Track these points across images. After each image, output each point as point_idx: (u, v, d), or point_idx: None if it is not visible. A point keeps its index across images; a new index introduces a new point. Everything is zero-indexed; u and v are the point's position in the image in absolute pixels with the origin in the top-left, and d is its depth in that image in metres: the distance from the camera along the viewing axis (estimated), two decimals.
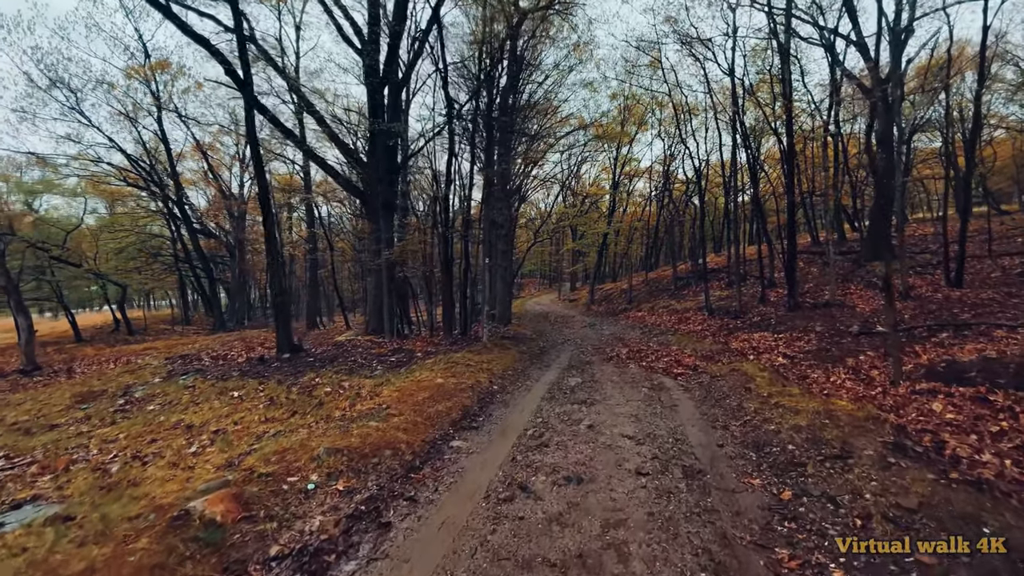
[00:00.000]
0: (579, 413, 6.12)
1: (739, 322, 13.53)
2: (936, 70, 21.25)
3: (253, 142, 9.88)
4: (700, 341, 11.73)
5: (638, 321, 18.08)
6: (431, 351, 10.29)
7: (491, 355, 9.91)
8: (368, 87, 13.65)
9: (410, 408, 5.93)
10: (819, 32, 19.07)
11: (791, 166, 13.09)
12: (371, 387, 7.21)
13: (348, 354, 10.41)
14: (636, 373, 8.55)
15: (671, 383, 7.68)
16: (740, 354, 9.60)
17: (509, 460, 4.70)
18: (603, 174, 35.81)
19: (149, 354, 13.90)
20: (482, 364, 8.82)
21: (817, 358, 8.58)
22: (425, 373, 7.91)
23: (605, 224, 27.90)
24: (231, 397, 7.14)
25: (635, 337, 13.64)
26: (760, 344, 10.26)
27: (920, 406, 5.39)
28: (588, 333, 15.46)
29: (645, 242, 35.68)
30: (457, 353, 9.84)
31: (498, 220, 20.20)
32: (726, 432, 5.29)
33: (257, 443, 5.02)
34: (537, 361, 10.16)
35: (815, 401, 5.66)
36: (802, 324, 11.16)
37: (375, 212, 13.28)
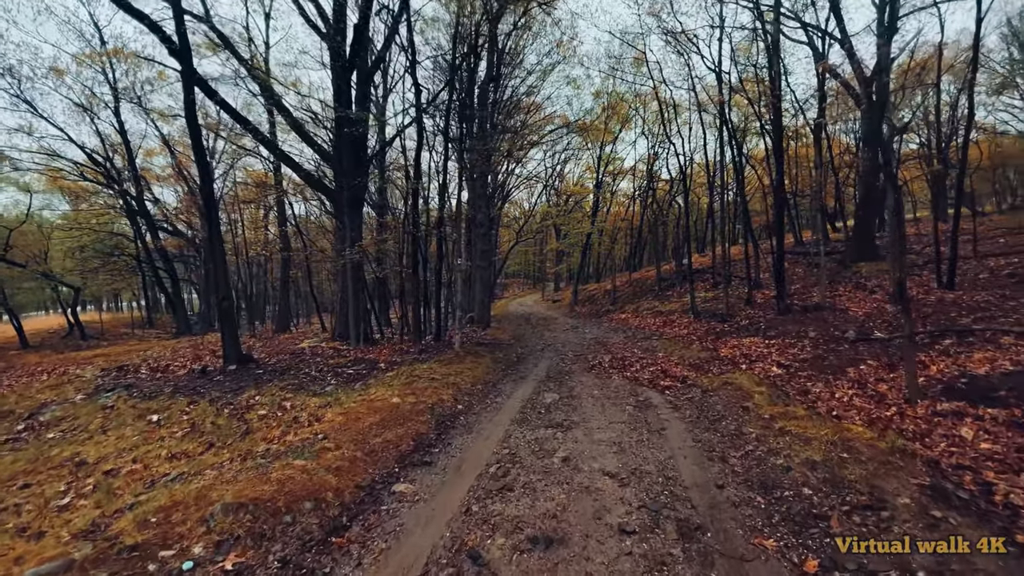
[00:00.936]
0: (553, 441, 5.17)
1: (726, 326, 12.77)
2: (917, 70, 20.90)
3: (191, 122, 8.68)
4: (687, 347, 10.90)
5: (622, 323, 17.26)
6: (396, 361, 9.25)
7: (461, 365, 8.92)
8: (333, 72, 12.54)
9: (352, 438, 4.91)
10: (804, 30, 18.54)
11: (780, 163, 12.37)
12: (315, 408, 6.16)
13: (303, 364, 9.32)
14: (620, 386, 7.65)
15: (658, 399, 6.79)
16: (731, 363, 8.78)
17: (462, 512, 3.73)
18: (587, 173, 35.06)
19: (93, 363, 12.56)
20: (449, 377, 7.81)
21: (815, 368, 7.79)
22: (381, 390, 6.89)
23: (589, 224, 27.10)
24: (148, 422, 6.02)
25: (619, 342, 12.78)
26: (751, 351, 9.46)
27: (947, 432, 4.57)
28: (570, 337, 14.57)
29: (629, 242, 35.04)
30: (424, 363, 8.82)
31: (478, 218, 19.20)
32: (725, 466, 4.40)
33: (146, 492, 3.96)
34: (512, 371, 9.20)
35: (827, 427, 4.80)
36: (794, 329, 10.41)
37: (341, 209, 12.18)
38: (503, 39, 19.81)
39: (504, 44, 20.09)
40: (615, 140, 29.01)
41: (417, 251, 10.73)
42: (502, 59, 21.19)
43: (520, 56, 22.77)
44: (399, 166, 18.93)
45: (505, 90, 21.77)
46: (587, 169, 34.16)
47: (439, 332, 12.26)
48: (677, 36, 16.56)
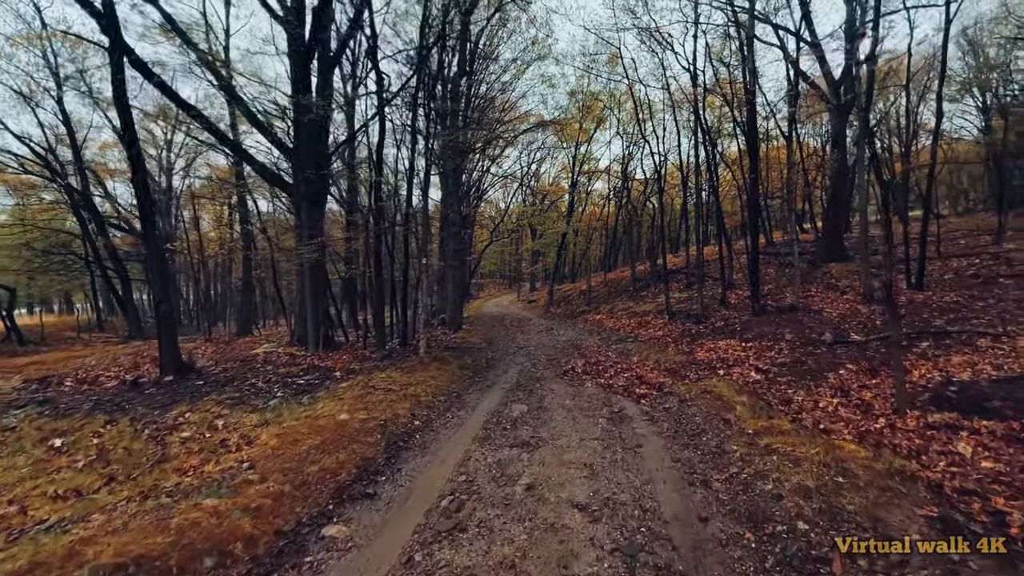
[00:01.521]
0: (518, 463, 4.57)
1: (702, 327, 12.44)
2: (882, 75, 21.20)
3: (121, 104, 7.68)
4: (663, 350, 10.48)
5: (596, 325, 16.83)
6: (354, 369, 8.49)
7: (425, 373, 8.23)
8: (291, 60, 11.63)
9: (283, 467, 4.19)
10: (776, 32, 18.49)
11: (754, 161, 12.11)
12: (249, 428, 5.39)
13: (251, 374, 8.46)
14: (593, 394, 7.10)
15: (633, 409, 6.27)
16: (708, 368, 8.35)
17: (402, 563, 3.07)
18: (562, 173, 34.69)
19: (22, 372, 11.32)
20: (409, 388, 7.12)
21: (794, 373, 7.43)
22: (330, 404, 6.15)
23: (564, 224, 26.68)
24: (49, 448, 5.13)
25: (593, 344, 12.29)
26: (728, 354, 9.08)
27: (944, 448, 4.17)
28: (543, 340, 14.02)
29: (604, 242, 34.85)
30: (384, 372, 8.09)
31: (450, 217, 18.48)
32: (708, 493, 3.87)
33: (5, 548, 3.15)
34: (480, 379, 8.55)
35: (816, 444, 4.34)
36: (770, 331, 10.10)
37: (299, 205, 11.30)
38: (476, 34, 19.18)
39: (478, 39, 19.46)
40: (590, 140, 28.73)
41: (380, 250, 9.96)
42: (475, 53, 20.55)
43: (495, 52, 22.20)
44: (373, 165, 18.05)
45: (480, 85, 21.15)
46: (563, 169, 33.82)
47: (405, 336, 11.52)
48: (652, 33, 16.23)
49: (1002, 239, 15.92)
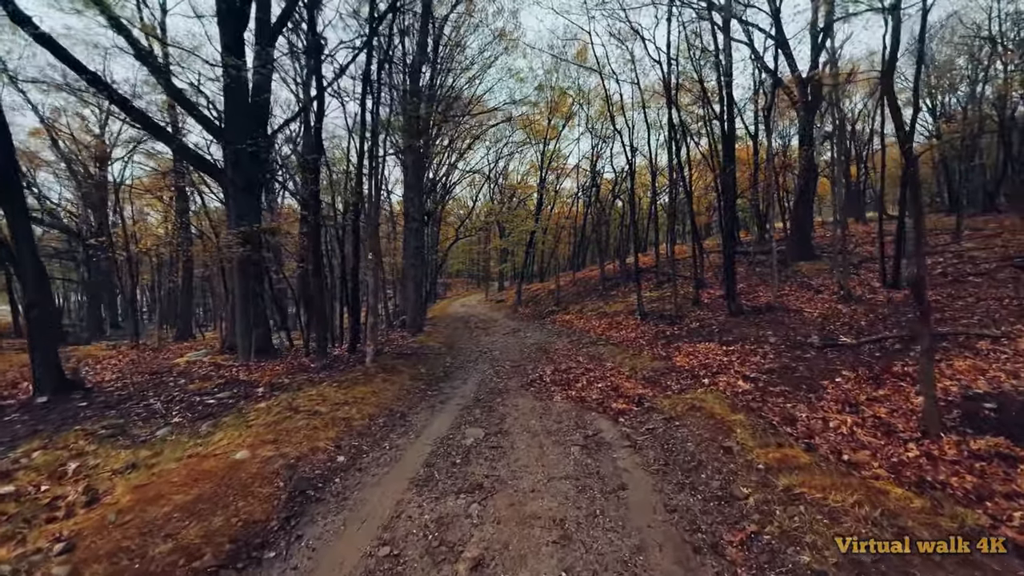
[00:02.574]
0: (464, 522, 3.34)
1: (676, 328, 11.56)
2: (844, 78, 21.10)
3: None
4: (637, 355, 9.48)
5: (566, 326, 15.79)
6: (282, 384, 7.04)
7: (367, 387, 6.88)
8: (220, 27, 9.98)
9: (117, 548, 2.82)
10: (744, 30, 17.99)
11: (731, 152, 11.31)
12: (108, 475, 3.95)
13: (156, 391, 6.89)
14: (563, 412, 5.96)
15: (612, 431, 5.16)
16: (691, 375, 7.36)
17: None
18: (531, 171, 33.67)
19: None
20: (341, 408, 5.76)
21: (787, 381, 6.52)
22: (233, 435, 4.74)
23: (532, 222, 25.62)
24: None
25: (563, 348, 11.21)
26: (710, 360, 8.15)
27: (1007, 489, 3.22)
28: (510, 342, 12.84)
29: (572, 241, 34.03)
30: (317, 387, 6.70)
31: (410, 212, 17.05)
32: (722, 567, 2.77)
33: None
34: (433, 393, 7.26)
35: (850, 488, 3.30)
36: (751, 333, 9.26)
37: (228, 192, 9.68)
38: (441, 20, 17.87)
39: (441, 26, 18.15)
40: (559, 137, 27.81)
41: (319, 243, 8.52)
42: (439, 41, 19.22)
43: (461, 40, 20.96)
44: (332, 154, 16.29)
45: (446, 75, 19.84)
46: (531, 167, 32.80)
47: (355, 342, 10.09)
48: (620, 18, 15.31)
49: (960, 238, 15.87)
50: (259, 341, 9.94)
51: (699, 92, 17.30)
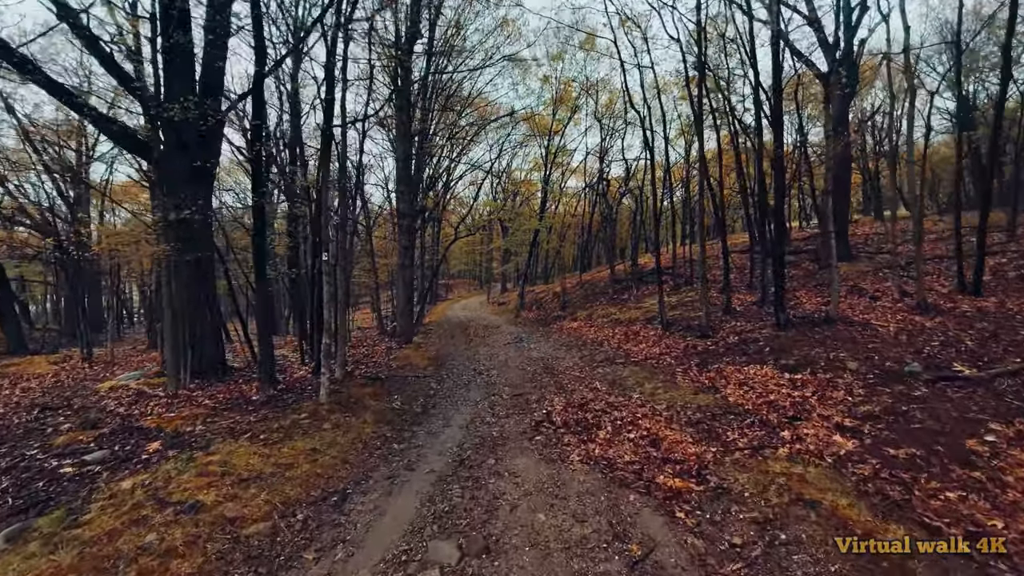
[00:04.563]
0: None
1: (710, 343, 9.39)
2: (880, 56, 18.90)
3: None
4: (670, 381, 7.33)
5: (574, 335, 13.64)
6: (194, 432, 4.93)
7: (310, 439, 4.76)
8: None
9: None
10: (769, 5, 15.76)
11: (779, 127, 9.13)
12: None
13: (13, 443, 4.81)
14: (586, 492, 3.81)
15: (672, 549, 3.01)
16: (758, 421, 5.18)
17: None
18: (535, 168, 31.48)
19: None
20: (249, 488, 3.63)
21: (908, 438, 4.34)
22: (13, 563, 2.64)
23: (536, 220, 23.47)
24: None
25: (573, 366, 9.08)
26: (774, 393, 5.97)
27: None
28: (510, 357, 10.71)
29: (578, 241, 31.82)
30: (236, 440, 4.58)
31: (400, 208, 14.95)
32: None
33: None
34: (400, 446, 5.11)
35: None
36: (819, 355, 7.05)
37: (162, 176, 7.57)
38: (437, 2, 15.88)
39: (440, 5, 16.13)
40: (563, 131, 25.65)
41: (262, 237, 6.38)
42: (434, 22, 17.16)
43: (460, 19, 18.92)
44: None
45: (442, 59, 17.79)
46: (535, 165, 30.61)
47: (318, 365, 7.99)
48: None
49: (1016, 236, 13.62)
50: (203, 360, 7.86)
51: (725, 76, 15.11)
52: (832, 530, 2.97)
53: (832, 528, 2.99)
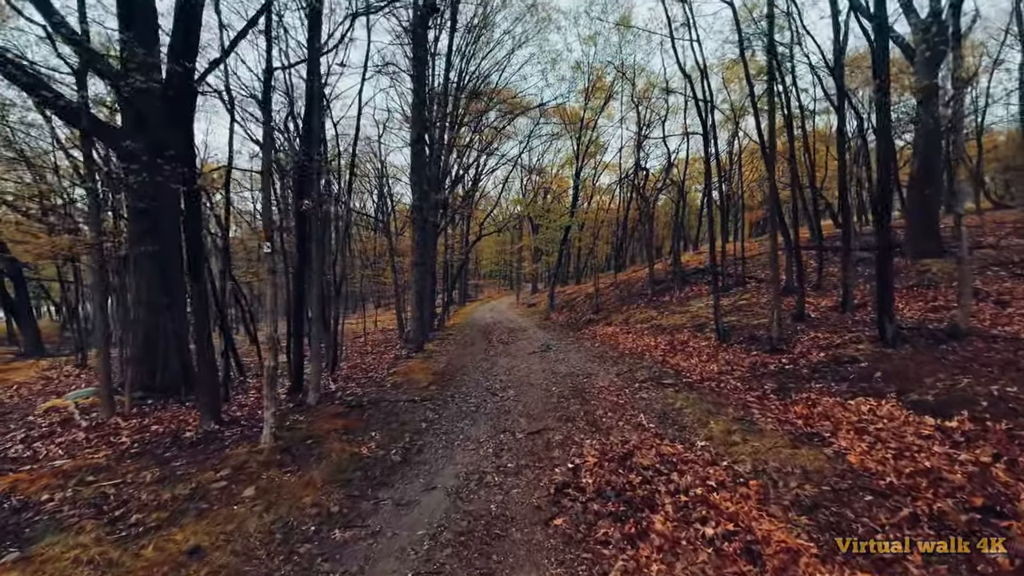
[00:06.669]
0: None
1: (785, 361, 7.16)
2: None
3: None
4: (745, 418, 5.23)
5: (609, 342, 11.59)
6: (49, 507, 3.37)
7: (204, 524, 3.08)
8: None
9: None
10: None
11: (885, 89, 6.76)
12: None
13: None
14: None
15: None
16: (927, 514, 3.09)
17: None
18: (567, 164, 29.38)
19: None
20: None
21: None
22: None
23: (567, 217, 21.46)
24: None
25: (609, 389, 7.09)
26: (915, 446, 3.79)
27: None
28: (533, 372, 8.83)
29: (613, 239, 29.44)
30: (102, 520, 2.97)
31: (415, 203, 13.37)
32: None
33: None
34: (336, 543, 3.34)
35: None
36: (973, 386, 4.76)
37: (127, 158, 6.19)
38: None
39: None
40: (595, 124, 23.48)
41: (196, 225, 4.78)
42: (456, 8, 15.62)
43: (490, 21, 17.40)
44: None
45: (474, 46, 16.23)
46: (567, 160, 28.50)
47: (299, 380, 6.42)
48: None
49: None
50: (166, 375, 6.45)
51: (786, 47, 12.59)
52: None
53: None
